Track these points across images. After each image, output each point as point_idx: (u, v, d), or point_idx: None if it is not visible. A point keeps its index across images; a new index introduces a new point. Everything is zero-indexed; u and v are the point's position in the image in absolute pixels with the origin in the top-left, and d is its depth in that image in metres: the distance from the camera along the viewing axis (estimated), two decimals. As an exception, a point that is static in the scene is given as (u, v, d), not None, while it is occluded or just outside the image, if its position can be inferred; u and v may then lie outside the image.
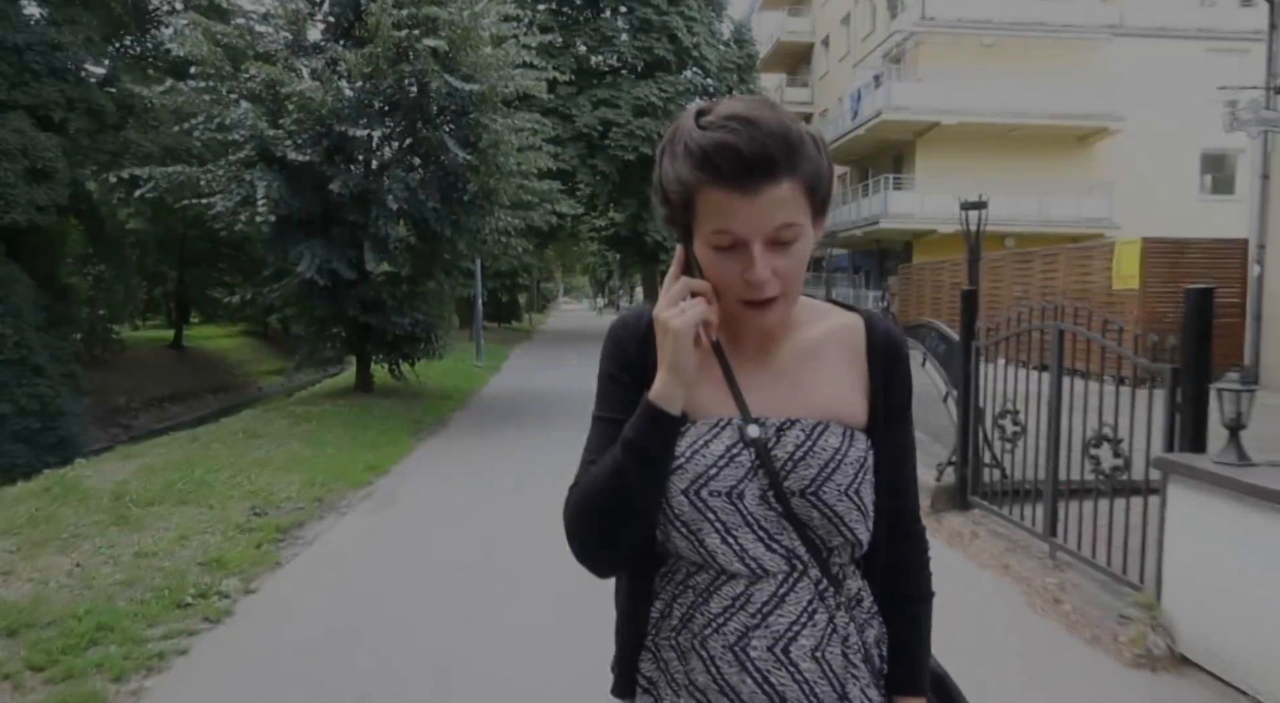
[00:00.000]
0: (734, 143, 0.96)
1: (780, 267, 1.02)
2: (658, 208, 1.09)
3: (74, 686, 3.19)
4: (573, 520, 1.10)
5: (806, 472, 1.06)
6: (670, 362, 1.04)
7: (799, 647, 1.06)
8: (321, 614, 4.14)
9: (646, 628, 1.15)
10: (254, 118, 9.16)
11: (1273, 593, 3.11)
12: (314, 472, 6.95)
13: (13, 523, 4.99)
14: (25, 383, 17.13)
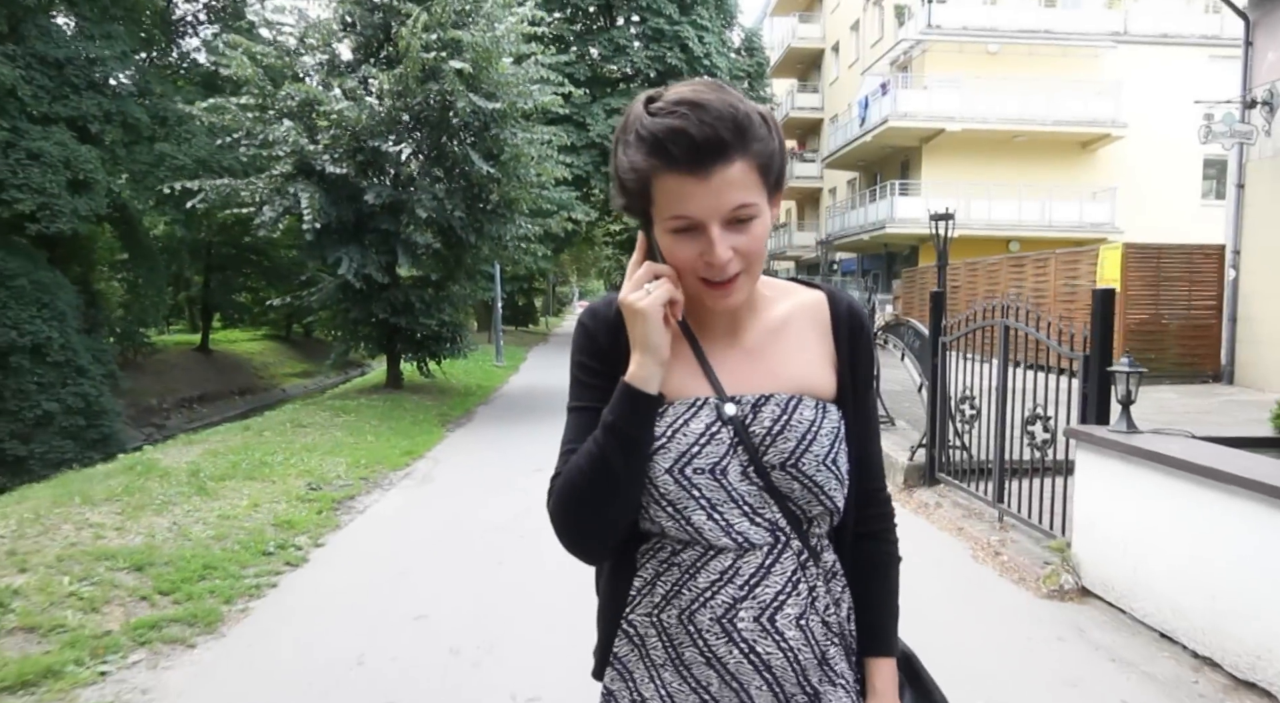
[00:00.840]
0: (683, 127, 0.99)
1: (739, 245, 1.04)
2: (616, 198, 1.10)
3: (195, 605, 4.02)
4: (559, 509, 1.12)
5: (785, 445, 1.10)
6: (643, 342, 1.07)
7: (784, 616, 1.09)
8: (380, 561, 4.97)
9: (625, 605, 1.17)
10: (295, 135, 10.03)
11: (1148, 535, 3.88)
12: (357, 455, 7.81)
13: (112, 493, 5.84)
14: (70, 383, 17.93)
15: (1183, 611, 3.61)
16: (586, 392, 1.15)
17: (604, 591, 1.21)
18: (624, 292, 1.08)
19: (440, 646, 3.69)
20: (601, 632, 1.20)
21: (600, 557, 1.18)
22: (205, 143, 20.76)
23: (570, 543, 1.12)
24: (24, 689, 3.15)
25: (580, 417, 1.14)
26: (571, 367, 1.19)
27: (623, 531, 1.13)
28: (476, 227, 11.45)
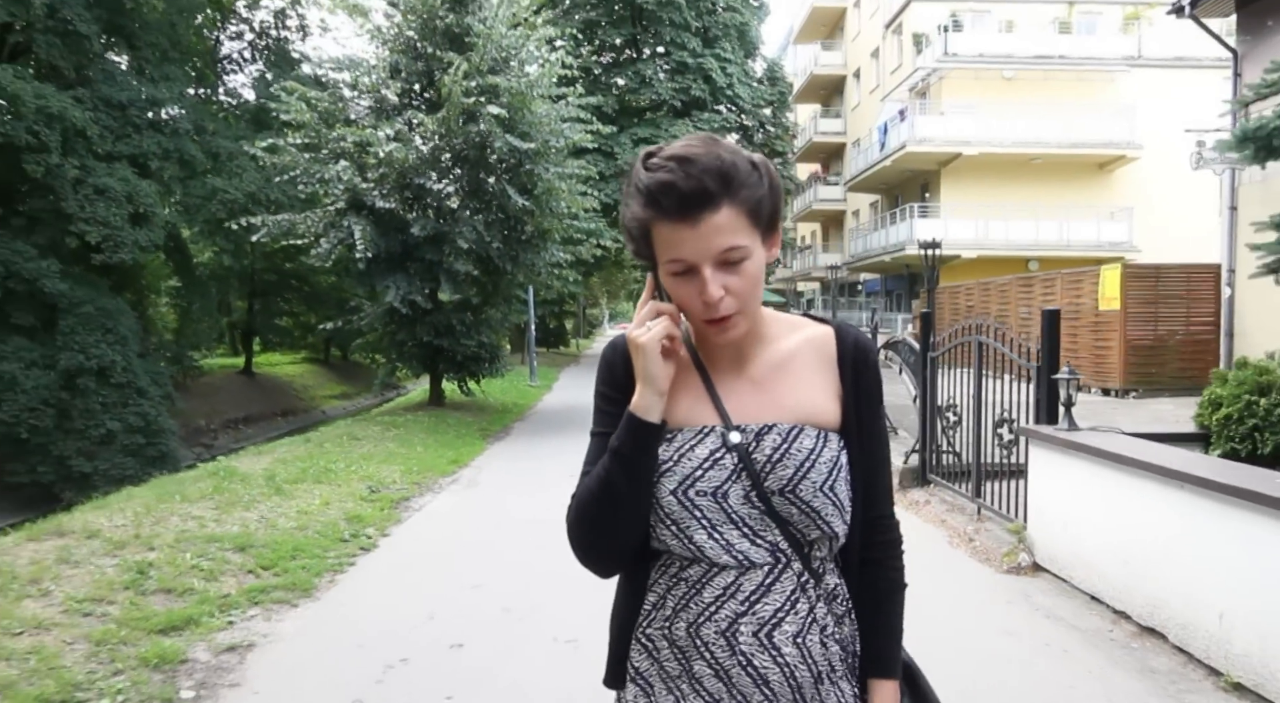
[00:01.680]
0: (671, 181, 1.08)
1: (732, 285, 1.12)
2: (626, 244, 1.20)
3: (292, 576, 4.90)
4: (573, 527, 1.21)
5: (784, 472, 1.16)
6: (644, 375, 1.16)
7: (782, 632, 1.15)
8: (438, 547, 5.84)
9: (637, 620, 1.25)
10: (349, 174, 11.03)
11: (1082, 515, 4.63)
12: (409, 464, 8.70)
13: (204, 493, 6.76)
14: (131, 404, 18.94)
15: (1106, 576, 4.36)
16: (604, 418, 1.25)
17: (618, 604, 1.28)
18: (630, 327, 1.18)
19: (494, 605, 4.53)
20: (614, 641, 1.28)
21: (610, 570, 1.25)
22: (254, 177, 21.99)
23: (583, 557, 1.22)
24: (174, 631, 4.02)
25: (598, 441, 1.24)
26: (595, 395, 1.29)
27: (630, 547, 1.21)
28: (513, 255, 12.40)
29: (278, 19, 29.55)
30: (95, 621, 4.06)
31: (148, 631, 3.99)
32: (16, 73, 16.19)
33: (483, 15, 12.11)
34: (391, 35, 12.29)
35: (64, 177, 17.04)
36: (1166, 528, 3.91)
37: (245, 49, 29.86)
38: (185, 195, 21.60)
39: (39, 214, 17.69)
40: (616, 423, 1.19)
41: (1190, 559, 3.73)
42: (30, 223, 17.83)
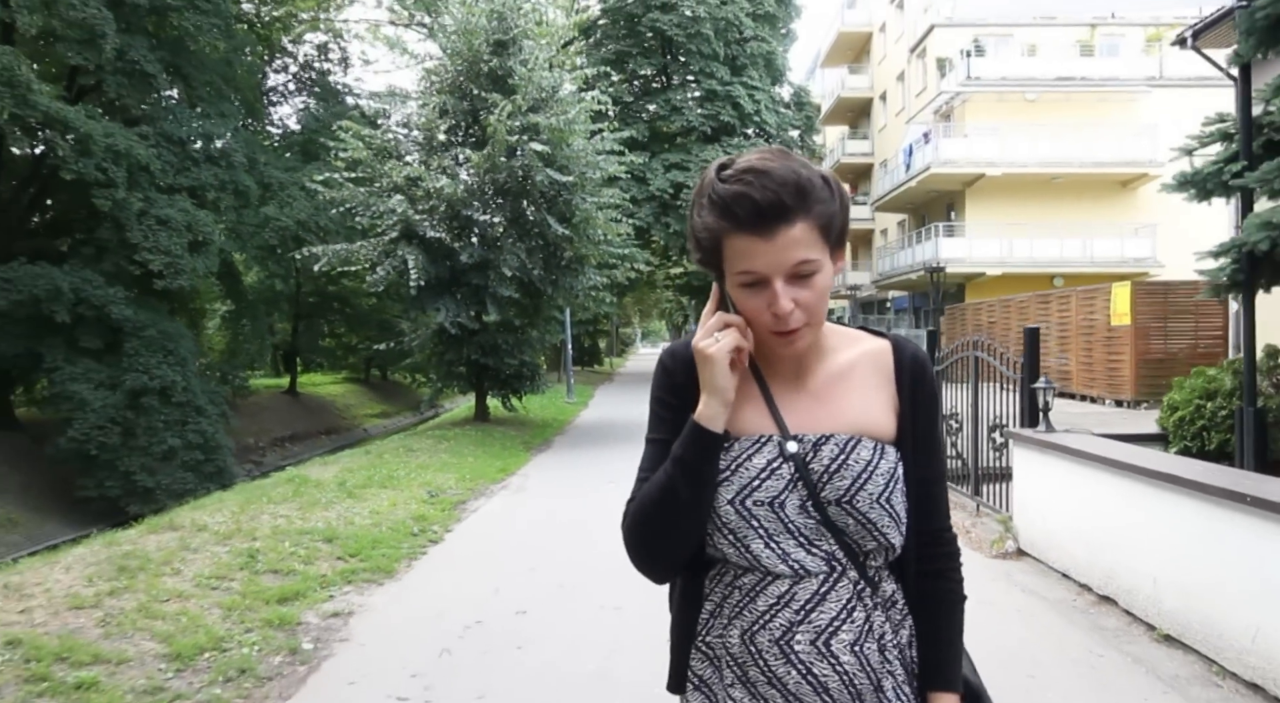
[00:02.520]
0: (749, 194, 1.10)
1: (802, 298, 1.14)
2: (692, 252, 1.21)
3: (375, 562, 5.73)
4: (630, 531, 1.24)
5: (841, 483, 1.18)
6: (710, 385, 1.17)
7: (839, 641, 1.16)
8: (495, 540, 6.66)
9: (697, 628, 1.27)
10: (404, 207, 11.98)
11: (1056, 505, 5.33)
12: (462, 472, 9.54)
13: (285, 497, 7.63)
14: (190, 421, 19.87)
15: (1073, 555, 5.06)
16: (662, 425, 1.26)
17: (677, 612, 1.29)
18: (697, 337, 1.18)
19: (550, 582, 5.33)
20: (675, 650, 1.29)
21: (666, 577, 1.27)
22: (304, 205, 23.14)
23: (639, 562, 1.24)
24: (287, 602, 4.86)
25: (656, 448, 1.25)
26: (651, 401, 1.29)
27: (687, 555, 1.22)
28: (553, 279, 13.29)
29: (320, 52, 30.90)
30: (222, 593, 4.91)
31: (265, 601, 4.83)
32: (88, 112, 17.33)
33: (523, 58, 13.05)
34: (440, 78, 13.27)
35: (129, 209, 18.04)
36: (1118, 512, 4.61)
37: (290, 82, 31.24)
38: (239, 223, 22.70)
39: (106, 244, 18.72)
40: (674, 430, 1.21)
41: (1135, 537, 4.43)
42: (98, 252, 18.88)
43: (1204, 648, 3.86)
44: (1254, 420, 5.35)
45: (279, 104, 32.57)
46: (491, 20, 12.93)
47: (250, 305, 26.97)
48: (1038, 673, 3.82)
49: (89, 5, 16.62)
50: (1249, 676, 3.56)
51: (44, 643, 3.90)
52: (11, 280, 16.90)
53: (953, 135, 27.41)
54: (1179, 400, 6.42)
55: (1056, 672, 3.85)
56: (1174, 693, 3.61)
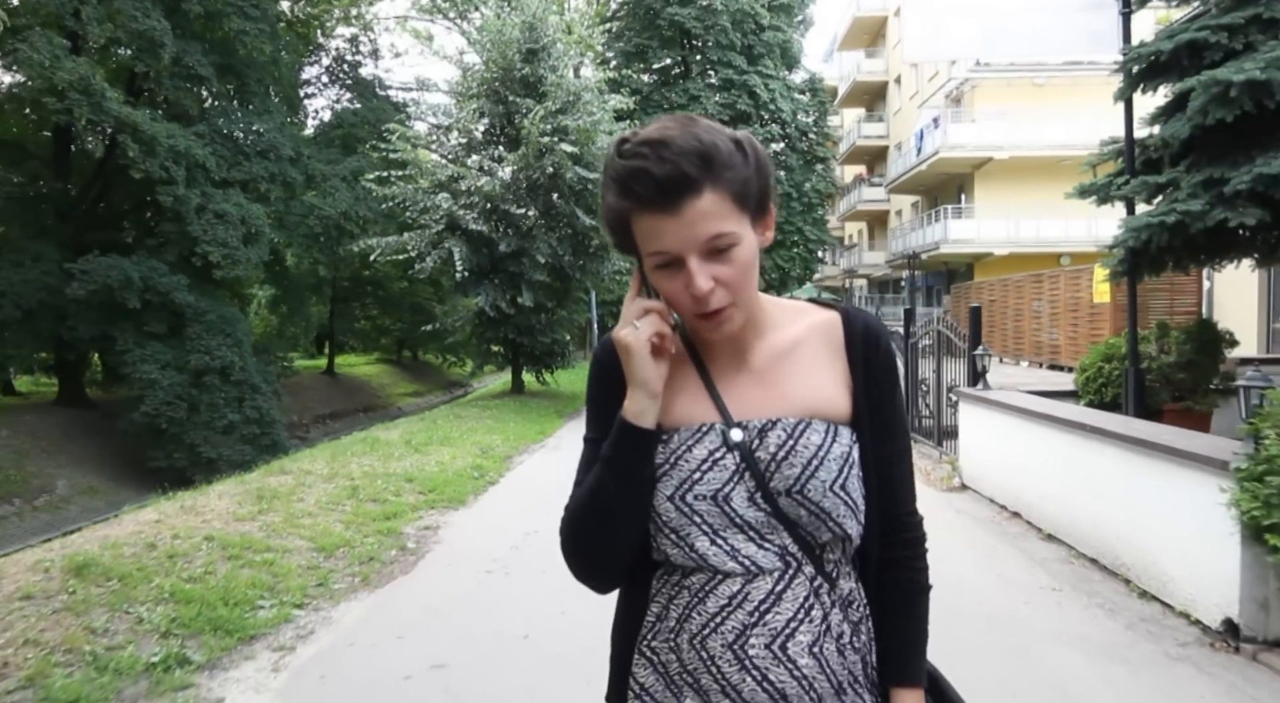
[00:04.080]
0: (646, 168, 1.01)
1: (722, 275, 1.04)
2: (610, 237, 1.12)
3: (448, 495, 7.26)
4: (566, 540, 1.15)
5: (790, 471, 1.09)
6: (634, 378, 1.09)
7: (796, 644, 1.08)
8: (541, 482, 8.17)
9: (639, 633, 1.17)
10: (449, 204, 13.47)
11: (989, 447, 6.73)
12: (506, 434, 11.07)
13: (364, 451, 9.18)
14: (247, 399, 21.41)
15: (997, 484, 6.47)
16: (597, 424, 1.18)
17: (619, 618, 1.22)
18: (617, 327, 1.11)
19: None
20: (615, 657, 1.21)
21: (608, 585, 1.19)
22: (346, 196, 24.66)
23: (578, 571, 1.16)
24: (388, 520, 6.37)
25: (591, 448, 1.18)
26: (586, 399, 1.24)
27: (627, 561, 1.14)
28: (581, 265, 14.76)
29: (351, 44, 32.25)
30: (339, 514, 6.45)
31: (372, 519, 6.36)
32: (152, 116, 18.86)
33: (552, 64, 14.45)
34: (477, 84, 14.72)
35: (189, 204, 19.50)
36: (1026, 448, 6.02)
37: (323, 74, 32.63)
38: (286, 213, 24.17)
39: (168, 236, 20.25)
40: (608, 426, 1.13)
41: (1033, 465, 5.84)
42: (161, 244, 20.42)
43: (1069, 540, 5.28)
44: (1135, 378, 6.70)
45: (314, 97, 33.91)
46: (524, 31, 14.32)
47: (295, 290, 28.55)
48: (961, 570, 5.24)
49: (150, 16, 18.15)
50: (1091, 554, 4.99)
51: (229, 539, 5.44)
52: (89, 272, 18.40)
53: (962, 120, 28.45)
54: (1087, 363, 7.78)
55: (972, 566, 5.27)
56: (1040, 570, 5.04)
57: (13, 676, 3.45)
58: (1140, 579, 4.51)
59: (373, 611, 4.60)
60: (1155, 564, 4.38)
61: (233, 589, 4.58)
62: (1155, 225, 5.72)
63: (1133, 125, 6.97)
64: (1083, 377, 7.82)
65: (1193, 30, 5.44)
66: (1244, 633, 3.73)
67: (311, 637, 4.20)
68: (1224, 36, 5.26)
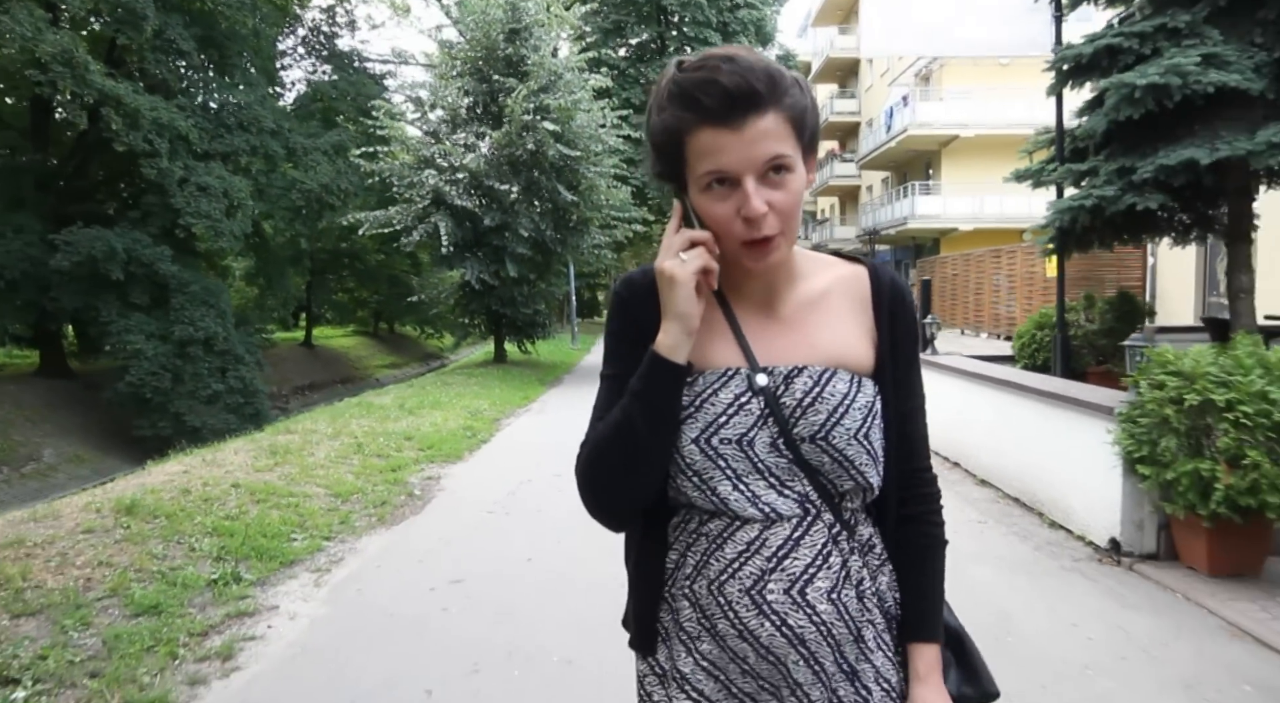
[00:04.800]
0: (715, 78, 0.99)
1: (775, 200, 1.02)
2: (651, 164, 1.10)
3: (446, 451, 7.92)
4: (584, 474, 1.14)
5: (815, 418, 1.08)
6: (674, 311, 1.06)
7: (815, 589, 1.08)
8: (530, 441, 8.85)
9: (663, 579, 1.17)
10: (436, 180, 13.99)
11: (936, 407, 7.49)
12: (493, 399, 11.72)
13: (360, 414, 9.80)
14: (231, 369, 21.67)
15: (943, 438, 7.24)
16: (619, 360, 1.16)
17: (636, 564, 1.21)
18: (660, 258, 1.08)
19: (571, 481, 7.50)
20: (638, 604, 1.20)
21: (623, 524, 1.19)
22: (327, 170, 24.92)
23: (594, 508, 1.14)
24: (394, 471, 7.03)
25: (612, 384, 1.16)
26: (605, 334, 1.21)
27: (647, 500, 1.13)
28: (561, 239, 15.36)
29: (327, 15, 32.14)
30: (348, 466, 7.09)
31: (379, 470, 7.01)
32: (135, 89, 18.96)
33: (534, 43, 14.94)
34: (461, 63, 15.19)
35: (172, 177, 19.63)
36: (965, 405, 6.78)
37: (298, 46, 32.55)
38: (268, 186, 24.35)
39: (151, 208, 20.39)
40: (632, 364, 1.11)
41: (969, 419, 6.60)
42: (144, 215, 20.56)
43: (998, 484, 6.07)
44: (1062, 344, 7.48)
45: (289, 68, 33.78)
46: (506, 11, 14.79)
47: (274, 262, 28.76)
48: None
49: (132, -13, 18.21)
50: (1015, 494, 5.78)
51: (254, 486, 6.08)
52: (73, 243, 18.55)
53: (930, 98, 29.17)
54: (1023, 331, 8.57)
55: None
56: (971, 508, 5.81)
57: (97, 588, 4.10)
58: (1050, 512, 5.29)
59: (392, 543, 5.28)
60: (1062, 499, 5.16)
61: (267, 526, 5.23)
62: (1077, 208, 6.46)
63: (1063, 117, 7.69)
64: (1019, 343, 8.61)
65: (1109, 37, 6.16)
66: (1124, 549, 4.51)
67: (342, 562, 4.87)
68: (1135, 43, 5.98)
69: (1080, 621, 3.85)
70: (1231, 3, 5.85)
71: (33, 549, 4.50)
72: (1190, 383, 3.93)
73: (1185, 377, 3.98)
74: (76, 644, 3.50)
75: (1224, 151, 5.43)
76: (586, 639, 3.58)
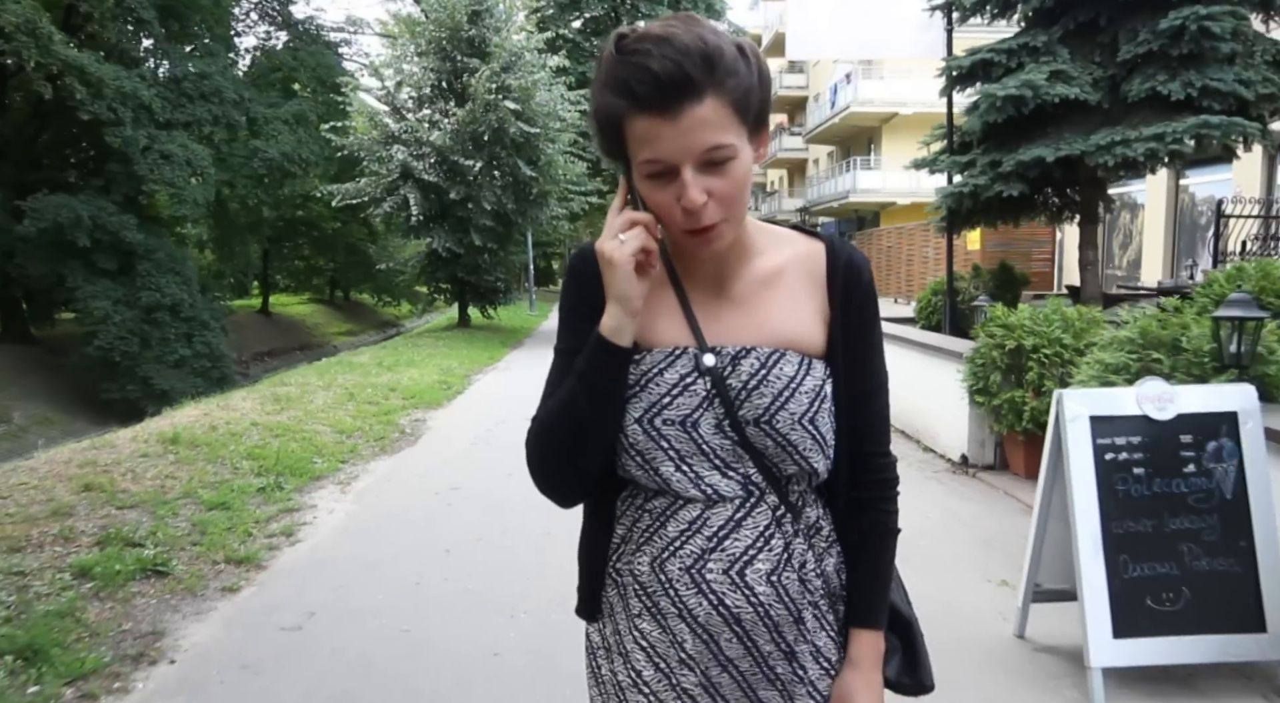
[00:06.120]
0: (647, 65, 0.93)
1: (716, 188, 0.99)
2: (596, 139, 1.06)
3: (427, 399, 9.09)
4: (533, 452, 1.13)
5: (760, 401, 1.07)
6: (615, 293, 1.05)
7: (754, 571, 1.07)
8: (498, 391, 10.04)
9: (608, 553, 1.18)
10: (403, 155, 14.94)
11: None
12: (462, 358, 12.86)
13: (342, 370, 10.87)
14: (197, 335, 22.11)
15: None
16: (570, 336, 1.15)
17: (585, 536, 1.23)
18: (601, 239, 1.06)
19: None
20: (585, 576, 1.22)
21: (571, 500, 1.17)
22: (288, 139, 25.42)
23: (543, 485, 1.14)
24: (386, 415, 8.17)
25: (563, 360, 1.15)
26: (559, 307, 1.20)
27: (592, 477, 1.13)
28: (522, 211, 16.43)
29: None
30: (345, 411, 8.22)
31: (373, 414, 8.15)
32: (97, 58, 19.25)
33: (495, 25, 15.88)
34: (425, 41, 16.07)
35: (136, 145, 19.97)
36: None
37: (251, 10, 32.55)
38: (230, 155, 24.75)
39: (115, 176, 20.70)
40: (583, 340, 1.09)
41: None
42: (108, 183, 20.87)
43: (909, 431, 7.41)
44: (950, 309, 8.85)
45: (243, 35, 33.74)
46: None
47: (234, 230, 29.14)
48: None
49: (92, -43, 18.47)
50: (901, 428, 7.13)
51: (270, 424, 7.19)
52: (39, 210, 18.89)
53: (872, 76, 30.52)
54: (923, 297, 9.97)
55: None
56: (867, 438, 7.14)
57: (172, 492, 5.23)
58: (923, 439, 6.65)
59: (396, 465, 6.47)
60: (932, 428, 6.51)
61: (290, 452, 6.38)
62: (958, 194, 7.77)
63: (952, 115, 9.01)
64: (919, 307, 9.99)
65: (985, 52, 7.45)
66: (971, 462, 5.88)
67: (358, 478, 6.06)
68: (1004, 58, 7.27)
69: (928, 511, 5.19)
70: (1079, 26, 7.17)
71: (107, 467, 5.60)
72: (1011, 332, 5.26)
73: (1008, 328, 5.31)
74: (174, 526, 4.64)
75: (1065, 151, 6.77)
76: (561, 518, 4.80)
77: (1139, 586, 2.88)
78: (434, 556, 4.40)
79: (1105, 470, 2.94)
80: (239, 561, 4.27)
